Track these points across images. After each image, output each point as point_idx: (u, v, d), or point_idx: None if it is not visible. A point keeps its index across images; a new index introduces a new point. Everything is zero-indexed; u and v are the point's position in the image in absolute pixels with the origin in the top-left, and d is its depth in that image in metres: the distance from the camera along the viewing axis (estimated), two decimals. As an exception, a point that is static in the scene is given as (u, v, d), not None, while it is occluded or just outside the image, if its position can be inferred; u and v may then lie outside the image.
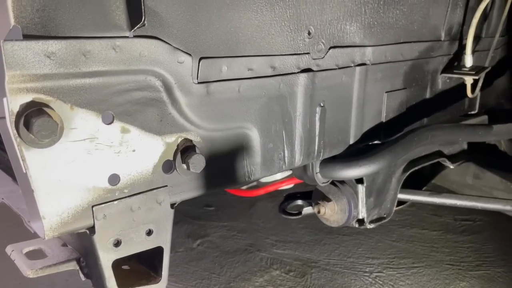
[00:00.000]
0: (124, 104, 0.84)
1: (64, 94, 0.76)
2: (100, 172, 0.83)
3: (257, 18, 0.99)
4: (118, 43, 0.78)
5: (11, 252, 0.94)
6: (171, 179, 0.94)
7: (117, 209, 0.86)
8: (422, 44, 1.49)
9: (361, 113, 1.34)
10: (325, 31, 1.15)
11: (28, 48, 0.69)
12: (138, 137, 0.87)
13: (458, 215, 2.61)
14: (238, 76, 0.99)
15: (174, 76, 0.88)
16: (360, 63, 1.28)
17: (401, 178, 1.53)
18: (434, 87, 1.62)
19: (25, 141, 0.72)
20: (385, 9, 1.30)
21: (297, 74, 1.12)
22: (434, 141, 1.50)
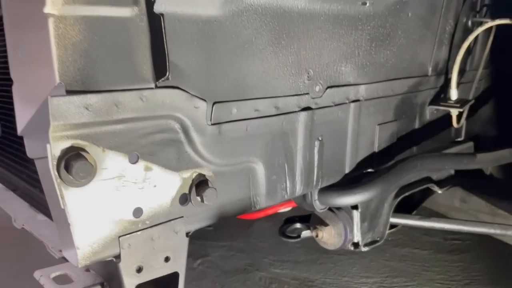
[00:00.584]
0: (147, 145, 0.95)
1: (97, 139, 0.86)
2: (126, 206, 0.93)
3: (263, 65, 1.11)
4: (145, 93, 0.89)
5: (40, 277, 1.03)
6: (187, 211, 1.04)
7: (140, 239, 0.96)
8: (411, 79, 1.62)
9: (356, 144, 1.46)
10: (322, 73, 1.28)
11: (70, 102, 0.80)
12: (159, 174, 0.98)
13: (448, 234, 2.72)
14: (246, 117, 1.11)
15: (191, 119, 0.99)
16: (355, 100, 1.41)
17: (393, 203, 1.64)
18: (422, 118, 1.75)
19: (64, 182, 0.82)
20: (376, 50, 1.43)
21: (298, 113, 1.23)
22: (423, 168, 1.63)
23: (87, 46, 0.81)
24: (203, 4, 0.96)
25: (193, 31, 0.96)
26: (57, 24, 0.78)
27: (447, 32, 1.71)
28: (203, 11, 0.97)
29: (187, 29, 0.95)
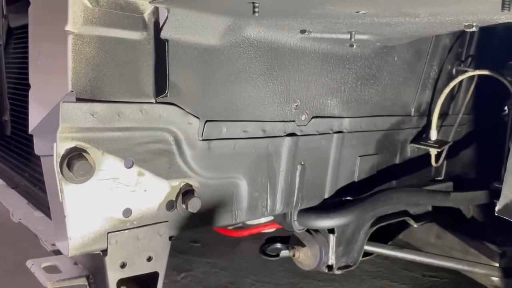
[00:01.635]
0: (142, 153, 1.06)
1: (99, 143, 0.98)
2: (117, 206, 1.04)
3: (254, 91, 1.24)
4: (145, 107, 1.01)
5: (31, 265, 1.13)
6: (172, 216, 1.15)
7: (127, 237, 1.06)
8: (393, 117, 1.74)
9: (336, 172, 1.57)
10: (309, 104, 1.40)
11: (78, 108, 0.92)
12: (150, 180, 1.09)
13: (427, 271, 2.79)
14: (234, 136, 1.22)
15: (183, 133, 1.11)
16: (338, 131, 1.53)
17: (369, 232, 1.74)
18: (403, 155, 1.87)
19: (65, 178, 0.93)
20: (361, 88, 1.56)
21: (283, 137, 1.35)
22: (399, 201, 1.73)
23: (99, 61, 0.94)
24: (204, 34, 1.09)
25: (193, 56, 1.09)
26: (75, 41, 0.90)
27: (431, 77, 1.84)
28: (204, 40, 1.10)
29: (188, 54, 1.08)
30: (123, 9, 0.95)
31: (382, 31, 1.26)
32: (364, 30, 1.25)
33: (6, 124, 1.53)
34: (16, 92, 1.60)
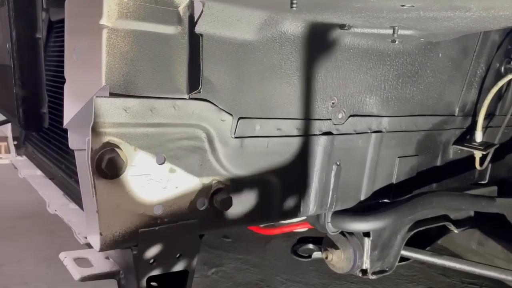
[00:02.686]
0: (174, 150, 1.04)
1: (131, 139, 0.96)
2: (149, 202, 1.03)
3: (289, 88, 1.20)
4: (178, 103, 0.99)
5: (64, 258, 1.14)
6: (203, 214, 1.13)
7: (157, 234, 1.05)
8: (436, 117, 1.66)
9: (374, 173, 1.51)
10: (347, 102, 1.35)
11: (112, 103, 0.91)
12: (182, 176, 1.07)
13: (466, 277, 2.67)
14: (268, 134, 1.19)
15: (216, 130, 1.08)
16: (376, 130, 1.46)
17: (406, 236, 1.67)
18: (445, 156, 1.78)
19: (97, 173, 0.92)
20: (403, 86, 1.49)
21: (318, 136, 1.30)
22: (440, 206, 1.65)
23: (132, 56, 0.92)
24: (239, 29, 1.06)
25: (228, 51, 1.06)
26: (110, 35, 0.89)
27: (478, 75, 1.74)
28: (239, 35, 1.07)
29: (222, 50, 1.05)
30: (158, 2, 0.93)
31: (428, 26, 1.19)
32: (408, 25, 1.18)
33: (44, 117, 1.56)
34: (55, 85, 1.63)
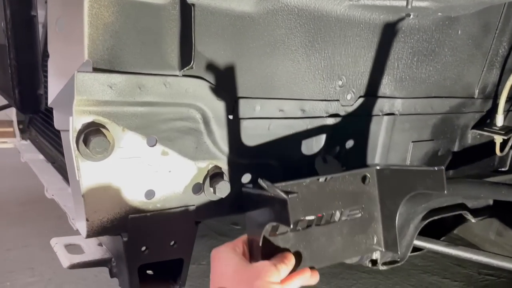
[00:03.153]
0: (167, 131, 0.97)
1: (118, 118, 0.89)
2: (139, 187, 0.96)
3: (293, 66, 1.11)
4: (168, 80, 0.92)
5: (55, 244, 1.09)
6: (198, 200, 1.06)
7: (149, 221, 0.99)
8: (453, 100, 1.55)
9: (385, 159, 1.42)
10: (356, 81, 1.25)
11: (95, 79, 0.84)
12: (175, 160, 1.00)
13: (483, 269, 2.57)
14: (269, 116, 1.11)
15: (212, 111, 1.01)
16: (389, 113, 1.37)
17: (419, 225, 1.57)
18: (463, 141, 1.67)
19: (82, 154, 0.86)
20: (418, 65, 1.38)
21: (325, 118, 1.22)
22: (456, 193, 1.55)
23: (118, 27, 0.85)
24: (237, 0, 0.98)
25: (224, 24, 0.98)
26: (92, 4, 0.82)
27: (500, 54, 1.62)
28: (237, 6, 0.99)
29: (218, 22, 0.97)
30: (145, -31, 0.85)
31: (445, -4, 1.08)
32: (423, -6, 1.08)
33: (41, 98, 1.50)
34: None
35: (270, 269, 0.88)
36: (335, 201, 1.02)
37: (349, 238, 1.08)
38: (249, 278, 0.87)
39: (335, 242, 1.05)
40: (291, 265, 0.94)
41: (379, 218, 1.11)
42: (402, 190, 1.08)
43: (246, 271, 0.89)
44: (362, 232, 1.10)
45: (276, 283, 0.87)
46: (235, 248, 0.96)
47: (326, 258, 1.05)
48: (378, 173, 1.09)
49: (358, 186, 1.06)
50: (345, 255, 1.08)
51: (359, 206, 1.08)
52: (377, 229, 1.11)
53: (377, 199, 1.10)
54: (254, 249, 0.96)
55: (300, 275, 0.95)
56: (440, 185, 1.02)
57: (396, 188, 1.08)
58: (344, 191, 1.03)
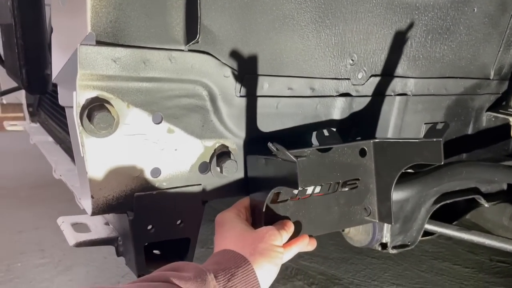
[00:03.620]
0: (172, 108, 0.95)
1: (123, 94, 0.88)
2: (145, 165, 0.95)
3: (303, 42, 1.08)
4: (174, 55, 0.89)
5: (62, 223, 1.08)
6: (205, 179, 1.04)
7: (155, 199, 0.97)
8: (468, 80, 1.50)
9: (396, 140, 1.38)
10: (368, 60, 1.22)
11: (99, 53, 0.82)
12: (181, 138, 0.98)
13: (495, 255, 2.53)
14: (277, 94, 1.08)
15: (219, 88, 0.98)
16: (401, 93, 1.33)
17: (431, 209, 1.54)
18: (477, 124, 1.63)
19: (86, 130, 0.84)
20: (432, 43, 1.34)
21: (335, 98, 1.19)
22: (469, 177, 1.51)
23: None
24: (245, -29, 0.94)
25: (231, -2, 0.94)
26: (95, -25, 0.79)
27: (518, 34, 1.56)
28: (245, -22, 0.95)
29: (225, -5, 0.93)
30: None
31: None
32: (439, -32, 1.03)
33: (48, 78, 1.49)
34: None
35: (274, 233, 0.92)
36: (333, 172, 1.06)
37: (345, 208, 1.12)
38: (254, 241, 0.90)
39: (332, 212, 1.10)
40: (291, 232, 0.98)
41: (374, 190, 1.14)
42: (399, 162, 1.09)
43: (250, 235, 0.92)
44: (358, 204, 1.14)
45: (280, 247, 0.92)
46: (239, 213, 1.00)
47: (322, 227, 1.09)
48: (375, 145, 1.11)
49: (355, 158, 1.09)
50: (340, 225, 1.13)
51: (356, 178, 1.11)
52: (372, 201, 1.15)
53: (373, 171, 1.13)
54: (257, 215, 1.00)
55: (299, 242, 0.99)
56: (438, 157, 1.02)
57: (393, 161, 1.09)
58: (342, 163, 1.07)
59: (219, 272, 0.81)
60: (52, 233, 2.47)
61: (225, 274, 0.81)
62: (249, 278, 0.83)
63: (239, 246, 0.90)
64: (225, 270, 0.82)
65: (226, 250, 0.90)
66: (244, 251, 0.88)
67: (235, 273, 0.82)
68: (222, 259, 0.86)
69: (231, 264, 0.84)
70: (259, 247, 0.89)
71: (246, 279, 0.83)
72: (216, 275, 0.80)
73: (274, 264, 0.90)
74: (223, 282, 0.80)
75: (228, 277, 0.81)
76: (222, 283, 0.80)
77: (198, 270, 0.80)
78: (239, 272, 0.83)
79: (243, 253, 0.87)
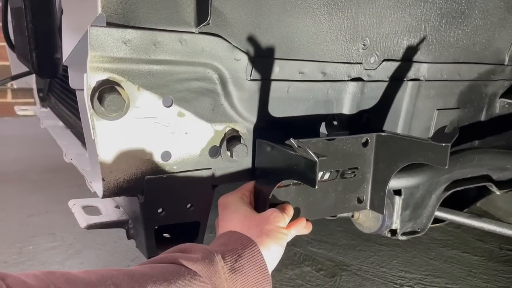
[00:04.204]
0: (183, 91, 0.94)
1: (133, 76, 0.87)
2: (155, 148, 0.95)
3: (314, 25, 1.06)
4: (184, 37, 0.89)
5: (73, 205, 1.09)
6: (215, 163, 1.04)
7: (166, 183, 0.98)
8: (482, 66, 1.47)
9: (408, 127, 1.37)
10: (380, 44, 1.20)
11: (109, 34, 0.81)
12: (192, 121, 0.98)
13: (505, 244, 2.52)
14: (288, 78, 1.07)
15: (230, 71, 0.97)
16: (413, 78, 1.31)
17: (442, 196, 1.53)
18: (490, 111, 1.60)
19: (96, 113, 0.84)
20: (446, 28, 1.31)
21: (346, 82, 1.17)
22: (481, 164, 1.50)
23: (132, -20, 0.82)
24: (256, -48, 0.93)
25: (243, -21, 0.93)
26: (105, -45, 0.78)
27: (534, 18, 1.53)
28: (256, -41, 0.94)
29: (236, -24, 0.92)
30: None
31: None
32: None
33: (58, 62, 1.49)
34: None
35: (278, 215, 0.95)
36: (336, 161, 1.08)
37: (341, 195, 1.15)
38: (259, 223, 0.92)
39: (329, 198, 1.13)
40: (291, 216, 1.01)
41: (370, 180, 1.17)
42: (400, 158, 1.10)
43: (255, 217, 0.95)
44: (353, 191, 1.16)
45: (284, 228, 0.94)
46: (243, 197, 1.02)
47: (319, 212, 1.13)
48: (377, 138, 1.13)
49: (357, 148, 1.11)
50: (336, 210, 1.16)
51: (355, 167, 1.13)
52: (366, 190, 1.18)
53: (372, 162, 1.15)
54: (261, 201, 1.03)
55: (297, 224, 1.02)
56: (443, 161, 1.02)
57: (394, 155, 1.11)
58: (344, 152, 1.09)
59: (226, 253, 0.82)
60: (62, 217, 2.49)
61: (232, 255, 0.82)
62: (256, 259, 0.84)
63: (244, 228, 0.91)
64: (232, 251, 0.83)
65: (232, 231, 0.91)
66: (250, 233, 0.89)
67: (242, 254, 0.83)
68: (228, 240, 0.87)
69: (238, 245, 0.85)
70: (265, 229, 0.91)
71: (253, 259, 0.84)
72: (223, 256, 0.81)
73: (280, 245, 0.92)
74: (231, 263, 0.81)
75: (235, 258, 0.82)
76: (230, 263, 0.81)
77: (206, 251, 0.81)
78: (246, 253, 0.84)
79: (249, 235, 0.88)
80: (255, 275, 0.83)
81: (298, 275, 2.14)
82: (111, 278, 0.69)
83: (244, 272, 0.82)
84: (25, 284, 0.60)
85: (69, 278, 0.65)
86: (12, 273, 0.62)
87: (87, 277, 0.67)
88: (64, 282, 0.64)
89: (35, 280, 0.62)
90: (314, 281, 2.10)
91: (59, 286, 0.62)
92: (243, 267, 0.82)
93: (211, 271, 0.78)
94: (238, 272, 0.81)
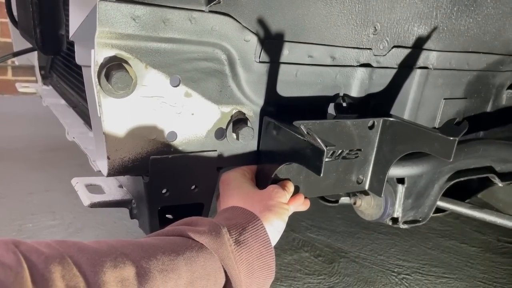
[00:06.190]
0: (191, 71, 0.93)
1: (141, 54, 0.86)
2: (161, 128, 0.93)
3: (326, 8, 1.04)
4: (194, 15, 0.87)
5: (76, 184, 1.08)
6: (221, 146, 1.03)
7: (171, 163, 0.97)
8: (492, 56, 1.46)
9: (414, 115, 1.36)
10: (391, 30, 1.18)
11: (118, 10, 0.79)
12: (198, 102, 0.96)
13: (503, 236, 2.53)
14: (297, 61, 1.05)
15: (238, 52, 0.96)
16: (422, 66, 1.30)
17: (444, 186, 1.53)
18: (497, 102, 1.59)
19: (103, 90, 0.83)
20: (458, 16, 1.29)
21: (355, 68, 1.16)
22: (485, 155, 1.49)
23: (142, -46, 0.80)
24: None
25: (255, -43, 0.91)
26: None
27: (547, 9, 1.51)
28: None
29: (248, -45, 0.90)
30: None
31: None
32: None
33: (62, 39, 1.47)
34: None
35: (280, 191, 0.96)
36: (340, 141, 1.07)
37: (342, 175, 1.14)
38: (262, 199, 0.94)
39: (329, 178, 1.12)
40: (291, 192, 1.03)
41: (371, 162, 1.16)
42: (405, 144, 1.09)
43: (258, 193, 0.96)
44: (354, 172, 1.15)
45: (286, 204, 0.97)
46: (245, 173, 1.03)
47: (318, 190, 1.13)
48: (384, 122, 1.12)
49: (363, 131, 1.10)
50: (335, 190, 1.16)
51: (359, 148, 1.12)
52: (367, 172, 1.17)
53: (375, 144, 1.14)
54: (263, 177, 1.04)
55: (296, 200, 1.04)
56: (448, 154, 1.02)
57: (400, 141, 1.10)
58: (350, 134, 1.07)
59: (231, 227, 0.83)
60: (63, 195, 2.49)
61: (236, 229, 0.83)
62: (260, 233, 0.85)
63: (247, 203, 0.92)
64: (236, 225, 0.84)
65: (235, 206, 0.92)
66: (253, 208, 0.90)
67: (246, 227, 0.84)
68: (232, 215, 0.88)
69: (242, 219, 0.86)
70: (268, 204, 0.92)
71: (257, 233, 0.85)
72: (228, 229, 0.82)
73: (282, 220, 0.93)
74: (235, 236, 0.82)
75: (239, 231, 0.83)
76: (234, 236, 0.82)
77: (213, 224, 0.81)
78: (249, 227, 0.85)
79: (252, 210, 0.89)
80: (259, 249, 0.84)
81: (296, 260, 2.15)
82: (121, 248, 0.70)
83: (248, 245, 0.82)
84: (38, 251, 0.60)
85: (81, 247, 0.66)
86: (25, 241, 0.62)
87: (98, 247, 0.68)
88: (77, 250, 0.65)
89: (48, 248, 0.62)
90: (313, 267, 2.11)
91: (71, 254, 0.63)
92: (247, 240, 0.83)
93: (217, 244, 0.79)
94: (243, 245, 0.82)
